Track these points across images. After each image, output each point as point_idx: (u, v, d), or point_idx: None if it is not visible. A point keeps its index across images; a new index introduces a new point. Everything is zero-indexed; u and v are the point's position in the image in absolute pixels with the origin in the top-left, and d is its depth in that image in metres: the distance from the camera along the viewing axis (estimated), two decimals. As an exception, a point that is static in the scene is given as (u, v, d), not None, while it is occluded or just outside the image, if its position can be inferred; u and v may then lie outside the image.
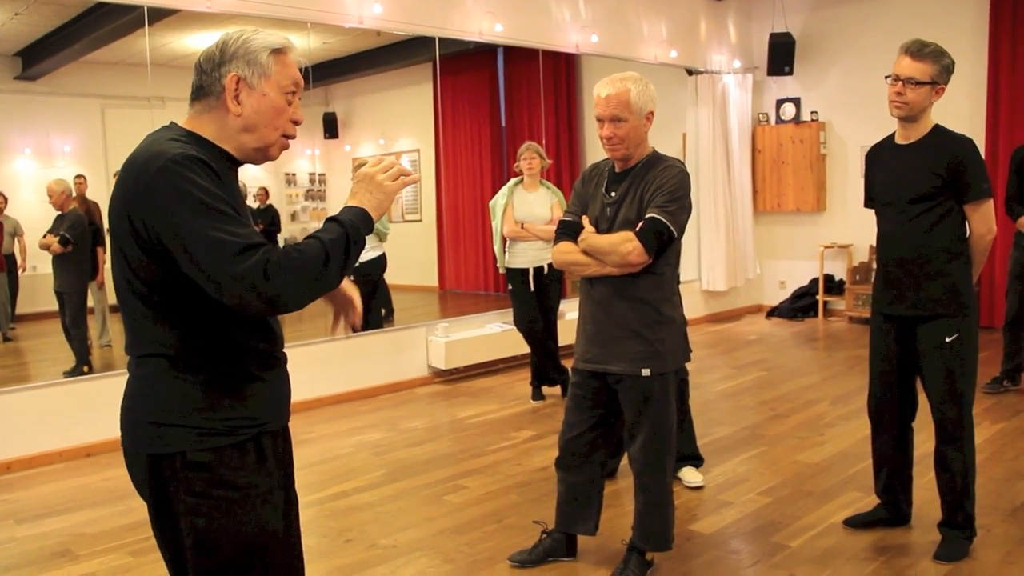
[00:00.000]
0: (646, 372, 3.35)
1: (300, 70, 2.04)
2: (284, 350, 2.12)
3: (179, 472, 1.91)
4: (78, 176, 8.32)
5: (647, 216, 3.26)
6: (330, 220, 1.96)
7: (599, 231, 3.40)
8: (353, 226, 1.95)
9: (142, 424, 1.95)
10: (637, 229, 3.27)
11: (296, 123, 2.04)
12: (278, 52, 2.00)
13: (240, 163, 2.05)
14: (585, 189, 3.55)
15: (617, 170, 3.45)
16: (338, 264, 1.89)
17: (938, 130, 3.59)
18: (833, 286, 10.11)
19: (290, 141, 2.07)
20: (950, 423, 3.62)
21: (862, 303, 9.49)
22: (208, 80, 1.98)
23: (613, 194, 3.42)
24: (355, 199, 2.04)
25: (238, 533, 1.95)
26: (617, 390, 3.45)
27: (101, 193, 8.35)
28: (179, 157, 1.83)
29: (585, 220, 3.45)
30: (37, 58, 9.30)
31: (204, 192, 1.80)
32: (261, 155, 2.04)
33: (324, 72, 11.42)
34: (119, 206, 1.89)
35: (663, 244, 3.27)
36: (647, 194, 3.31)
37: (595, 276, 3.41)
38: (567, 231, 3.49)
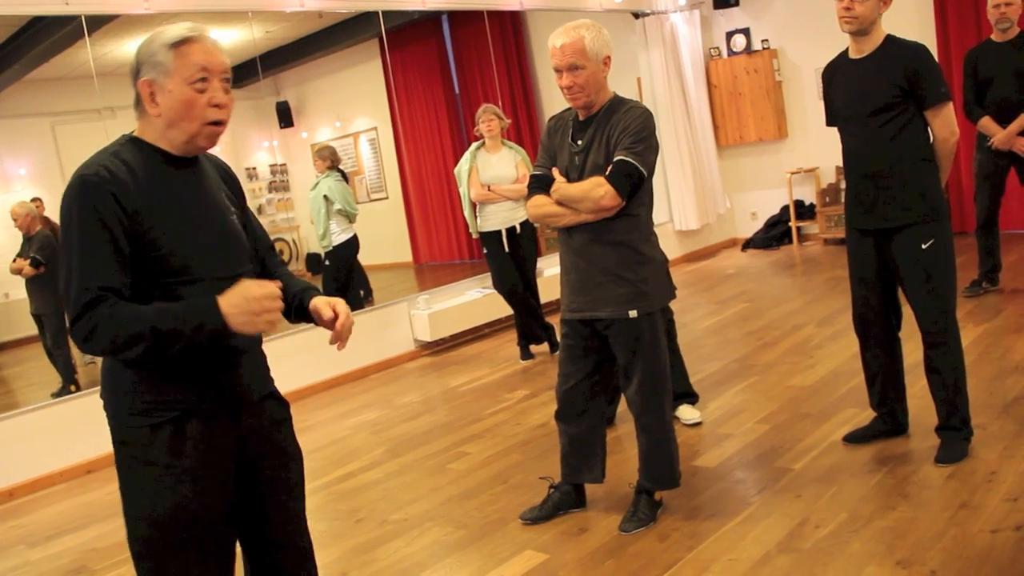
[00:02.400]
0: (633, 314, 3.38)
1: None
2: (236, 342, 2.15)
3: (114, 449, 2.12)
4: (34, 199, 8.22)
5: (615, 159, 3.27)
6: (190, 306, 2.00)
7: (570, 180, 3.41)
8: (195, 329, 1.98)
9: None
10: (607, 173, 3.28)
11: (218, 106, 2.07)
12: (178, 45, 2.04)
13: (183, 158, 2.12)
14: (551, 141, 3.55)
15: (581, 118, 3.45)
16: (146, 348, 1.96)
17: (891, 40, 3.60)
18: (804, 211, 10.16)
19: (220, 125, 2.10)
20: (935, 328, 3.66)
21: (835, 224, 9.55)
22: (135, 89, 2.09)
23: (579, 142, 3.43)
24: (229, 304, 1.99)
25: (152, 510, 2.07)
26: (607, 335, 3.48)
27: (62, 211, 8.25)
28: (85, 178, 1.98)
29: (555, 171, 3.46)
30: (-22, 83, 9.16)
31: (84, 222, 1.96)
32: (192, 146, 2.11)
33: (271, 61, 11.31)
34: None
35: (634, 185, 3.28)
36: (613, 138, 3.32)
37: (572, 225, 3.43)
38: (539, 184, 3.50)
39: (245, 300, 1.98)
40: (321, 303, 2.30)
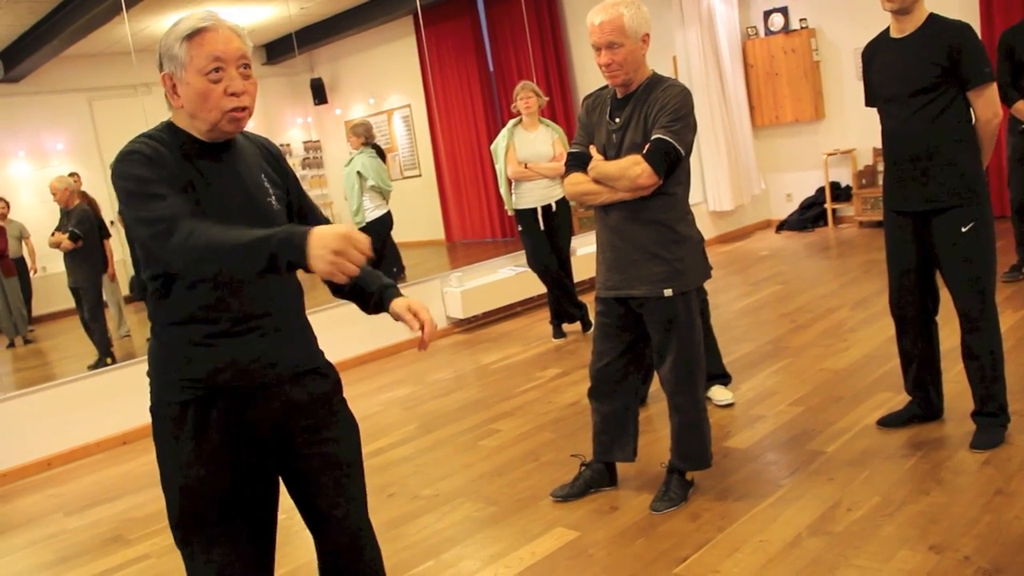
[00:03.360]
0: (668, 292, 3.37)
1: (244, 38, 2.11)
2: (263, 320, 2.16)
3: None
4: (72, 174, 8.30)
5: (653, 137, 3.26)
6: (281, 232, 1.89)
7: (607, 158, 3.40)
8: (281, 251, 1.87)
9: None
10: (644, 151, 3.27)
11: (235, 94, 2.07)
12: (191, 36, 2.05)
13: (214, 143, 2.14)
14: (589, 118, 3.54)
15: (619, 96, 3.44)
16: (230, 264, 1.95)
17: (933, 19, 3.54)
18: (840, 193, 10.06)
19: (242, 111, 2.09)
20: (973, 312, 3.61)
21: (871, 207, 9.46)
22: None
23: (617, 120, 3.41)
24: (318, 235, 1.84)
25: (174, 484, 2.15)
26: (642, 313, 3.47)
27: (99, 186, 8.35)
28: (121, 155, 2.06)
29: (593, 149, 3.45)
30: (18, 59, 9.25)
31: (131, 181, 2.01)
32: (217, 133, 2.12)
33: (306, 37, 11.33)
34: None
35: (672, 164, 3.27)
36: (651, 116, 3.30)
37: (609, 203, 3.42)
38: (576, 162, 3.49)
39: (333, 235, 1.83)
40: (402, 309, 2.32)
